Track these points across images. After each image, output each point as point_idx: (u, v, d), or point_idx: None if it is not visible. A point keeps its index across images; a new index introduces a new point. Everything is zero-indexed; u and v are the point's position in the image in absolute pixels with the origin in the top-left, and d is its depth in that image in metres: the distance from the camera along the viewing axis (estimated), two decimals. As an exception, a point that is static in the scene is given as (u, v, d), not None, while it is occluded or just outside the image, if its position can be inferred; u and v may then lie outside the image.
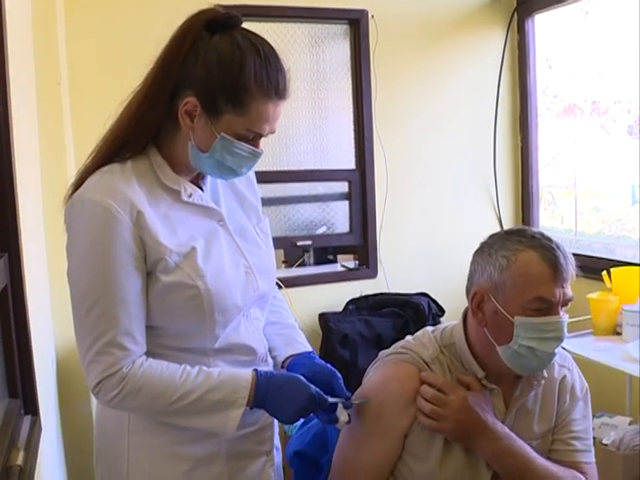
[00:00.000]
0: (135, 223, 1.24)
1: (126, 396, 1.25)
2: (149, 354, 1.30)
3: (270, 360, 1.47)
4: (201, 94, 1.24)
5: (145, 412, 1.32)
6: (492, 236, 1.45)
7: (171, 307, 1.30)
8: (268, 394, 1.30)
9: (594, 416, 2.54)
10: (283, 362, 1.47)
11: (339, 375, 1.42)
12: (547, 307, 1.36)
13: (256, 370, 1.33)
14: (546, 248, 1.37)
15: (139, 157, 1.31)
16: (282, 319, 1.54)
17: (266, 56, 1.26)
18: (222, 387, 1.29)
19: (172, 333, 1.33)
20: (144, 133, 1.30)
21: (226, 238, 1.38)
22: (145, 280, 1.28)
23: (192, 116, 1.26)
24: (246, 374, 1.32)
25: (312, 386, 1.33)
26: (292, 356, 1.47)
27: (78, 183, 1.29)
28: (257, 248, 1.44)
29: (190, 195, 1.34)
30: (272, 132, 1.31)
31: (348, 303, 3.23)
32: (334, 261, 3.80)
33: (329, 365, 1.44)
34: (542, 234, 1.41)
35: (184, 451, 1.34)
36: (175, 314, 1.30)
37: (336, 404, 1.37)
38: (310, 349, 1.51)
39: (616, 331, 2.69)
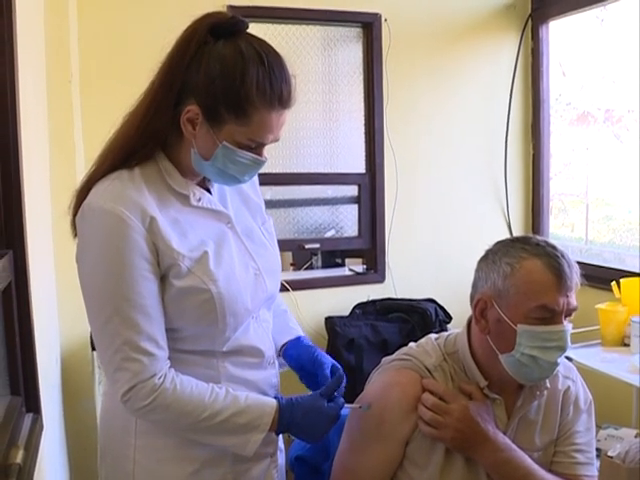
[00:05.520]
0: (148, 229, 1.23)
1: (155, 409, 1.26)
2: None
3: (277, 362, 1.47)
4: (203, 102, 1.23)
5: (169, 426, 1.32)
6: (497, 243, 1.44)
7: (183, 311, 1.29)
8: (292, 422, 1.33)
9: (600, 427, 2.52)
10: (280, 350, 1.51)
11: (326, 363, 1.43)
12: (550, 316, 1.34)
13: (277, 398, 1.36)
14: (550, 256, 1.35)
15: (147, 163, 1.30)
16: (274, 306, 1.54)
17: (270, 65, 1.23)
18: (248, 411, 1.31)
19: (183, 336, 1.33)
20: (151, 142, 1.28)
21: (235, 240, 1.37)
22: (160, 284, 1.27)
23: (194, 124, 1.24)
24: (271, 401, 1.34)
25: (332, 406, 1.35)
26: (285, 344, 1.51)
27: (84, 191, 1.28)
28: (264, 249, 1.44)
29: (199, 199, 1.34)
30: (276, 140, 1.29)
31: (355, 307, 3.22)
32: (342, 265, 3.79)
33: (317, 351, 1.47)
34: (547, 242, 1.39)
35: (191, 452, 1.34)
36: (187, 318, 1.30)
37: None
38: (301, 333, 1.55)
39: (624, 342, 2.67)
